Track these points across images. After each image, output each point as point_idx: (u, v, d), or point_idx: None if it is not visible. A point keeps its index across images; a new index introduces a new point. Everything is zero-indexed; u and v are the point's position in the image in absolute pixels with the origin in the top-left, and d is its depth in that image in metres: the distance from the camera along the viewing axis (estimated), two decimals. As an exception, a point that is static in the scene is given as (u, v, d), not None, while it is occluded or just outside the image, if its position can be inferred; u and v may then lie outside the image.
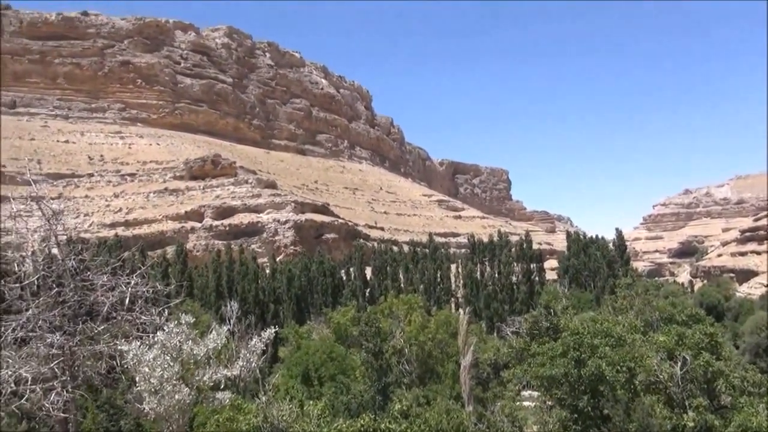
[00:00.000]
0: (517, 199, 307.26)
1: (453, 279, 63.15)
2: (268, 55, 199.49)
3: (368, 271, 63.83)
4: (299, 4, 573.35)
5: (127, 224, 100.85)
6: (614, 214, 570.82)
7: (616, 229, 66.17)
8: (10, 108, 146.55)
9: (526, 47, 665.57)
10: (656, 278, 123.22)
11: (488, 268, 62.23)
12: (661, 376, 17.49)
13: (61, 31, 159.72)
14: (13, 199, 13.26)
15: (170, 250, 74.89)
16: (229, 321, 20.23)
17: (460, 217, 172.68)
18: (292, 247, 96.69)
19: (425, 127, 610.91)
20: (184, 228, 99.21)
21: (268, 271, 59.69)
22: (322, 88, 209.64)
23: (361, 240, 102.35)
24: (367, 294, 58.82)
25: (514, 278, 59.89)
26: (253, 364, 11.03)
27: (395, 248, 77.82)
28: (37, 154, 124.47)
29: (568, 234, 78.77)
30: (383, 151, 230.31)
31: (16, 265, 10.14)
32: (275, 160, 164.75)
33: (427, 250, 69.39)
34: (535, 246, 69.34)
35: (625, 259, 63.43)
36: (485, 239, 71.91)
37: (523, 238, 65.90)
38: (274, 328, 13.06)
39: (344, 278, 60.82)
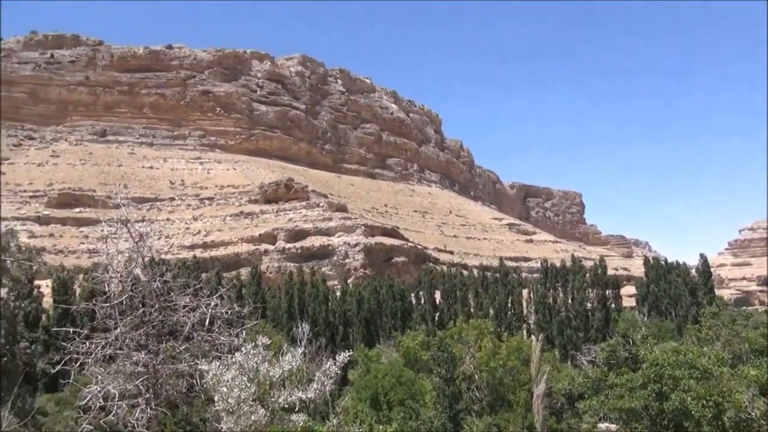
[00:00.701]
0: (591, 222, 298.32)
1: (524, 304, 61.69)
2: (339, 81, 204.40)
3: (437, 295, 63.37)
4: (371, 32, 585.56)
5: (205, 246, 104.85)
6: (696, 238, 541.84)
7: (701, 255, 62.85)
8: (100, 137, 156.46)
9: (598, 68, 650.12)
10: (744, 307, 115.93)
11: (561, 294, 60.43)
12: (753, 414, 16.38)
13: (147, 63, 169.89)
14: (104, 221, 14.06)
15: (244, 272, 77.09)
16: (300, 342, 20.47)
17: (531, 240, 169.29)
18: (361, 270, 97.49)
19: (495, 150, 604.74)
20: (258, 250, 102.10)
21: (338, 294, 60.32)
22: (392, 113, 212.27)
23: (431, 263, 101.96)
24: (436, 318, 58.33)
25: (588, 305, 57.87)
26: (327, 387, 11.15)
27: (465, 272, 77.00)
28: (124, 180, 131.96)
29: (646, 259, 75.49)
30: (453, 174, 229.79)
31: (106, 285, 10.75)
32: (346, 183, 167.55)
33: (497, 275, 68.25)
34: (610, 271, 66.91)
35: (710, 287, 60.12)
36: (557, 264, 70.05)
37: (598, 263, 63.72)
38: (349, 351, 13.17)
39: (413, 302, 60.61)
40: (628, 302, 69.87)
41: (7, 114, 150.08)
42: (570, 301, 58.68)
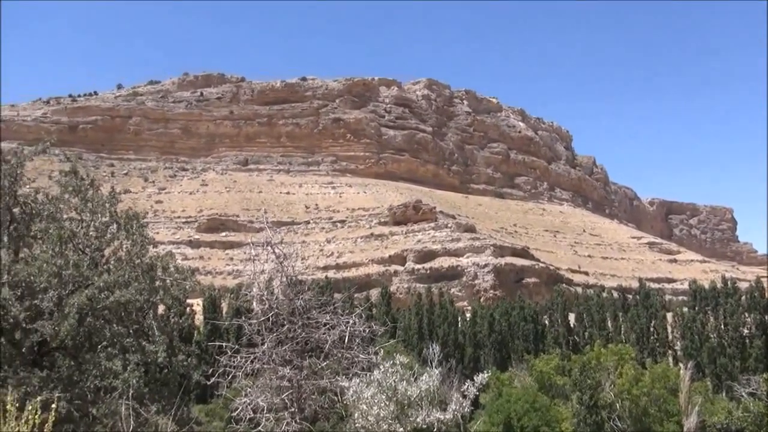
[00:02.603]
0: (745, 240, 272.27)
1: (669, 329, 57.33)
2: (465, 102, 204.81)
3: (571, 318, 60.77)
4: (497, 53, 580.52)
5: (337, 267, 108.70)
6: None
7: None
8: (243, 166, 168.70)
9: (744, 77, 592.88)
10: None
11: (711, 318, 55.41)
12: None
13: (284, 95, 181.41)
14: (251, 243, 15.12)
15: (374, 293, 78.85)
16: (431, 363, 20.60)
17: (675, 260, 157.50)
18: (491, 291, 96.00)
19: (632, 166, 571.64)
20: (387, 271, 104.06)
21: (468, 315, 59.82)
22: (519, 131, 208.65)
23: (564, 285, 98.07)
24: (570, 342, 55.91)
25: (745, 331, 52.55)
26: (466, 408, 11.14)
27: (604, 294, 73.11)
28: (263, 205, 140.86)
29: (815, 281, 67.25)
30: (585, 191, 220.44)
31: (254, 302, 11.58)
32: (473, 204, 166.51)
33: (638, 297, 64.17)
34: (771, 294, 60.32)
35: None
36: (706, 285, 64.54)
37: (754, 284, 57.81)
38: (485, 372, 13.07)
39: (547, 324, 58.57)
40: (794, 329, 62.48)
41: (165, 148, 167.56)
42: (722, 326, 53.71)
